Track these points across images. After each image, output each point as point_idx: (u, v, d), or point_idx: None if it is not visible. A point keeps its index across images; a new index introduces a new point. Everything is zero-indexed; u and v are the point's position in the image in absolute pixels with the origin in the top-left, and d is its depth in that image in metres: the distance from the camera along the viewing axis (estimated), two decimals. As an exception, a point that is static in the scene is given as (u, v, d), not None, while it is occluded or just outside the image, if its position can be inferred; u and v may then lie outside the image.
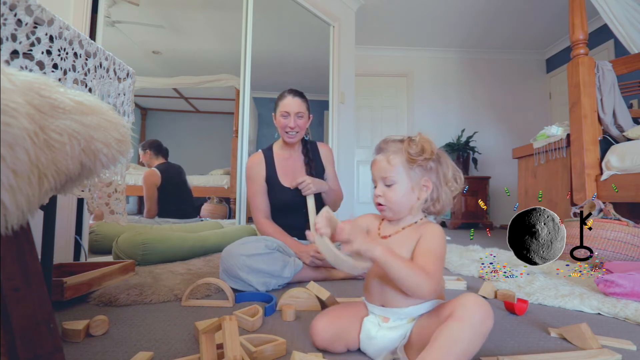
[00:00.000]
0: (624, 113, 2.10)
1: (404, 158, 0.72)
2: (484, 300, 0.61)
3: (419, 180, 0.72)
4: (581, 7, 2.08)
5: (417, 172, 0.72)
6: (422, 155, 0.70)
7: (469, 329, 0.57)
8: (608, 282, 1.13)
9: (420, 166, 0.72)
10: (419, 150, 0.71)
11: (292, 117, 1.46)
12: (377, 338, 0.69)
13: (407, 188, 0.72)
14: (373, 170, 0.76)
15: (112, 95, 0.97)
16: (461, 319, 0.58)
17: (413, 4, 3.67)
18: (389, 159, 0.72)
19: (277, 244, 1.33)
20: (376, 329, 0.70)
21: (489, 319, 0.59)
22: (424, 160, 0.71)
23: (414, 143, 0.72)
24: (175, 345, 0.78)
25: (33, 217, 0.41)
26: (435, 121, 4.59)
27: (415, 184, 0.72)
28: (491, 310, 0.60)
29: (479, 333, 0.58)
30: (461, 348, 0.57)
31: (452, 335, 0.57)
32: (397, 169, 0.72)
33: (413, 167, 0.71)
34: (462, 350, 0.57)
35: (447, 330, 0.58)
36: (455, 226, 4.02)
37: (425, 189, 0.72)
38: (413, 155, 0.71)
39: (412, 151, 0.71)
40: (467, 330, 0.57)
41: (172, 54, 3.99)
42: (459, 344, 0.57)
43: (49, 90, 0.43)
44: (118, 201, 0.99)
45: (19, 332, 0.43)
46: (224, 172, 4.21)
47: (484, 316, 0.59)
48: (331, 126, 3.17)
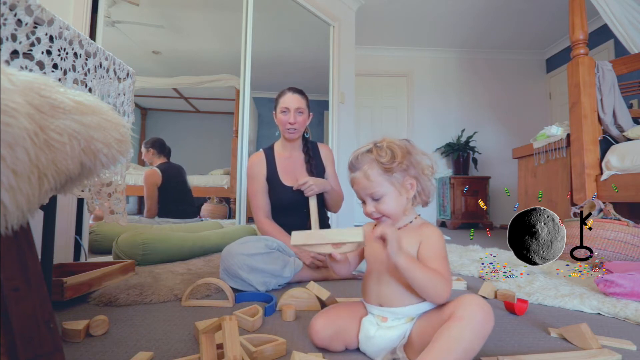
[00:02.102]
0: (624, 113, 2.10)
1: (380, 168, 0.71)
2: (485, 301, 0.61)
3: (402, 182, 0.72)
4: (581, 7, 2.09)
5: (398, 176, 0.71)
6: (395, 161, 0.70)
7: (470, 329, 0.57)
8: (608, 282, 1.13)
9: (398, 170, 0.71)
10: (390, 157, 0.70)
11: (292, 113, 1.47)
12: (376, 338, 0.70)
13: (395, 195, 0.71)
14: (356, 189, 0.74)
15: (112, 95, 0.97)
16: (462, 319, 0.58)
17: (413, 4, 3.67)
18: (367, 175, 0.71)
19: (277, 243, 1.33)
20: (375, 328, 0.70)
21: (490, 319, 0.60)
22: (398, 164, 0.70)
23: (382, 150, 0.71)
24: (175, 345, 0.78)
25: (33, 217, 0.41)
26: (435, 121, 4.59)
27: (401, 187, 0.72)
28: (492, 311, 0.61)
29: (479, 333, 0.58)
30: (462, 348, 0.57)
31: (453, 336, 0.57)
32: (379, 182, 0.71)
33: (391, 174, 0.71)
34: (463, 350, 0.57)
35: (448, 331, 0.58)
36: (455, 226, 4.02)
37: (410, 186, 0.72)
38: (386, 164, 0.70)
39: (383, 160, 0.70)
40: (468, 331, 0.57)
41: (172, 54, 3.99)
42: (460, 344, 0.57)
43: (49, 90, 0.43)
44: (118, 201, 0.99)
45: (19, 332, 0.43)
46: (224, 172, 4.21)
47: (485, 317, 0.59)
48: (331, 126, 3.18)
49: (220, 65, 3.88)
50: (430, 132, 4.50)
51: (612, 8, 2.24)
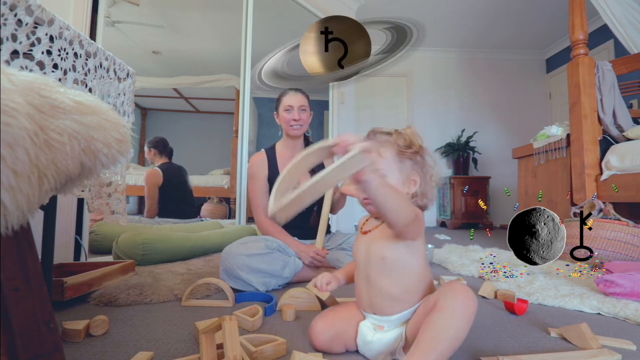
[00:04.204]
0: (624, 113, 2.09)
1: (394, 151, 0.70)
2: (466, 286, 0.62)
3: (408, 174, 0.71)
4: (581, 7, 2.09)
5: (407, 165, 0.71)
6: (411, 149, 0.70)
7: (451, 317, 0.58)
8: (608, 282, 1.13)
9: (410, 159, 0.71)
10: (408, 143, 0.70)
11: (296, 110, 1.49)
12: (374, 342, 0.70)
13: (398, 181, 0.70)
14: None
15: (112, 95, 0.97)
16: (442, 308, 0.59)
17: (413, 4, 3.67)
18: (379, 151, 0.70)
19: (277, 243, 1.33)
20: (372, 333, 0.71)
21: (472, 304, 0.60)
22: (412, 153, 0.70)
23: (402, 136, 0.71)
24: (175, 345, 0.78)
25: (33, 217, 0.41)
26: (435, 121, 4.59)
27: (406, 177, 0.71)
28: (473, 295, 0.61)
29: (463, 320, 0.59)
30: (447, 337, 0.57)
31: (435, 327, 0.58)
32: (388, 162, 0.70)
33: (403, 160, 0.70)
34: (449, 338, 0.57)
35: (432, 323, 0.59)
36: (455, 226, 4.02)
37: (413, 183, 0.71)
38: (402, 147, 0.70)
39: (401, 143, 0.70)
40: (449, 319, 0.58)
41: (172, 54, 3.98)
42: (444, 333, 0.57)
43: (49, 90, 0.43)
44: (118, 201, 0.99)
45: (19, 332, 0.43)
46: (224, 172, 4.21)
47: (465, 301, 0.59)
48: (331, 126, 3.18)
49: (220, 65, 3.88)
50: (430, 132, 4.50)
51: (612, 8, 2.23)
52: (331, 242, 1.52)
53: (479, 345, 0.79)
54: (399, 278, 0.68)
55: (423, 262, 0.70)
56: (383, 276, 0.69)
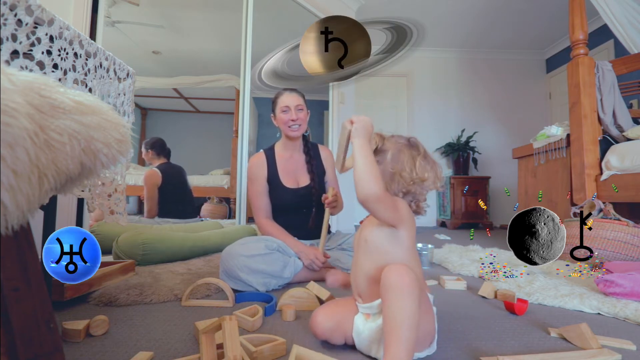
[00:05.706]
0: (624, 113, 2.09)
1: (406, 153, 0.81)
2: (398, 265, 0.64)
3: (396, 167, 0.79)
4: (581, 7, 2.08)
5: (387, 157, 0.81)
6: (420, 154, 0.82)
7: (395, 299, 0.61)
8: (608, 282, 1.13)
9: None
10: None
11: (293, 110, 1.48)
12: (365, 332, 0.72)
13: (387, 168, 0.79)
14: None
15: (112, 95, 0.97)
16: (385, 296, 0.62)
17: (413, 4, 3.67)
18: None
19: (277, 244, 1.33)
20: (363, 323, 0.73)
21: (403, 276, 0.62)
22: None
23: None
24: (175, 345, 0.78)
25: (33, 217, 0.41)
26: (435, 121, 4.58)
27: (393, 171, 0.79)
28: (404, 268, 0.63)
29: (403, 296, 0.60)
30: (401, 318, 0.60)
31: (389, 314, 0.61)
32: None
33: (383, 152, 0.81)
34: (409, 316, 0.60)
35: (387, 309, 0.62)
36: (455, 226, 4.02)
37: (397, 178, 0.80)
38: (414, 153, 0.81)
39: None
40: (394, 301, 0.61)
41: (172, 54, 3.99)
42: (398, 316, 0.60)
43: (49, 90, 0.43)
44: (118, 201, 0.99)
45: (19, 332, 0.43)
46: (224, 172, 4.21)
47: (396, 279, 0.62)
48: (331, 126, 3.18)
49: (220, 65, 3.88)
50: (430, 132, 4.49)
51: (612, 8, 2.23)
52: (331, 242, 1.52)
53: (479, 345, 0.79)
54: (378, 261, 0.72)
55: (408, 254, 0.73)
56: (365, 257, 0.75)
